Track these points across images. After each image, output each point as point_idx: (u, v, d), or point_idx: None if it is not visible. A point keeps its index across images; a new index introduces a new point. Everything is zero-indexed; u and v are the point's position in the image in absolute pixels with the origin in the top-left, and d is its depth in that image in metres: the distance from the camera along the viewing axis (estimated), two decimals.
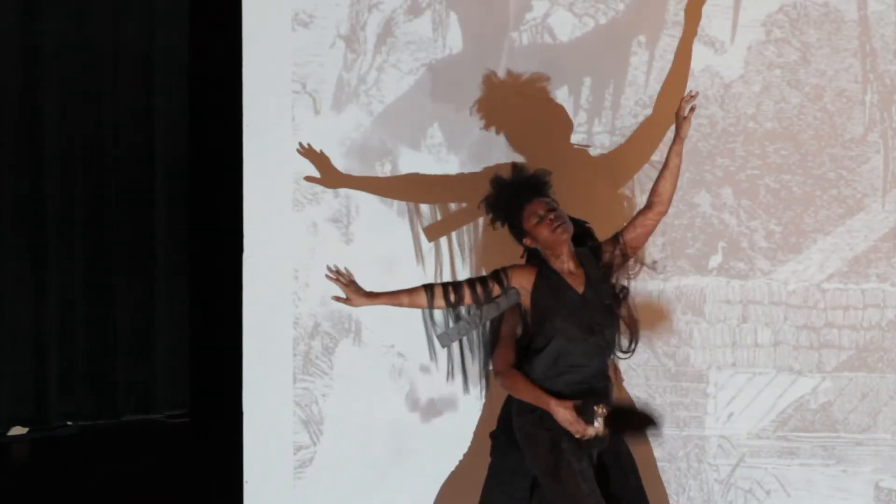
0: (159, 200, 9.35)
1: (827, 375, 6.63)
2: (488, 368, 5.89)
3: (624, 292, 5.77)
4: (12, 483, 8.22)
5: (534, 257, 5.85)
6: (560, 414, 5.64)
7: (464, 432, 6.64)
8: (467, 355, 5.85)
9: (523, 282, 5.73)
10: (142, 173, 9.32)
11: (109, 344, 9.27)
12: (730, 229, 6.64)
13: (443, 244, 6.66)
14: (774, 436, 6.64)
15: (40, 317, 9.09)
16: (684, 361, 6.65)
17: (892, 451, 6.61)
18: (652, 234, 6.41)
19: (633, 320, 5.80)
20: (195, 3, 8.73)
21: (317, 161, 6.67)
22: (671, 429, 6.65)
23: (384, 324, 6.65)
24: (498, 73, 6.63)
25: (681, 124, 5.80)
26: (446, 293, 5.71)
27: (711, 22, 6.60)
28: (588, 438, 5.65)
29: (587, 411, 5.63)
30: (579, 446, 5.65)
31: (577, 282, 5.73)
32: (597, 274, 5.75)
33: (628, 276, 5.80)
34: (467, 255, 6.65)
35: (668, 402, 6.66)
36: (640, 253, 5.91)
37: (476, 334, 5.81)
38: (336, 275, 5.75)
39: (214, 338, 8.43)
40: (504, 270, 5.75)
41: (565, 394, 5.68)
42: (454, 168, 6.68)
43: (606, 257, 5.79)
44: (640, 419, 5.88)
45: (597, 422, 5.62)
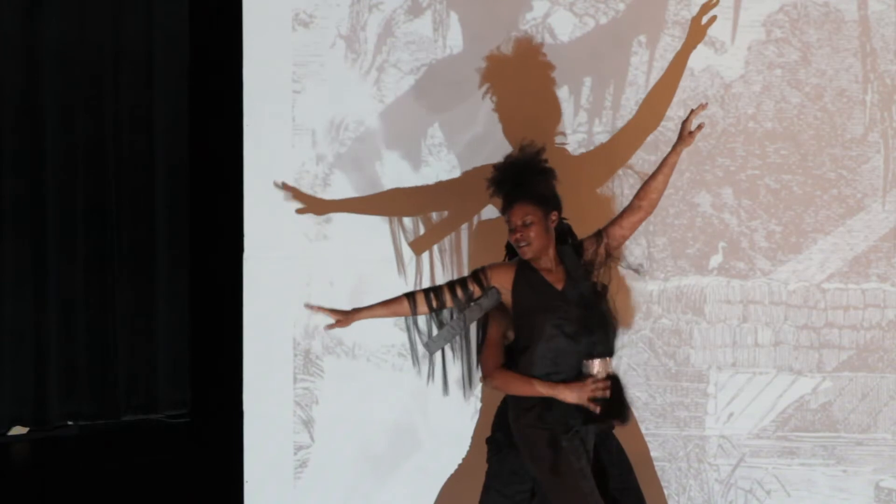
0: (159, 201, 9.35)
1: (827, 375, 6.63)
2: (474, 368, 5.90)
3: (604, 290, 5.76)
4: (12, 483, 8.21)
5: (511, 253, 5.86)
6: (568, 395, 5.62)
7: (464, 432, 6.64)
8: (447, 356, 5.85)
9: (503, 280, 5.73)
10: (142, 173, 9.32)
11: (110, 344, 9.26)
12: (730, 229, 6.64)
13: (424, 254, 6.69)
14: (775, 436, 6.64)
15: (40, 317, 9.09)
16: (684, 361, 6.65)
17: (893, 451, 6.61)
18: (652, 235, 6.40)
19: (612, 318, 5.80)
20: (195, 3, 8.73)
21: (297, 195, 6.68)
22: (671, 429, 6.65)
23: (384, 324, 6.65)
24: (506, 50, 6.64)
25: (685, 137, 5.80)
26: (428, 298, 5.73)
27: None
28: (601, 408, 5.59)
29: (580, 374, 5.61)
30: (578, 444, 5.64)
31: (556, 279, 5.73)
32: (578, 271, 5.75)
33: (609, 277, 5.80)
34: (448, 262, 6.65)
35: (669, 402, 6.66)
36: (620, 253, 5.90)
37: (459, 337, 5.82)
38: (317, 307, 5.79)
39: (215, 338, 8.43)
40: (483, 270, 5.76)
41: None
42: (454, 168, 6.68)
43: (589, 254, 5.79)
44: (619, 406, 5.69)
45: (592, 368, 5.59)
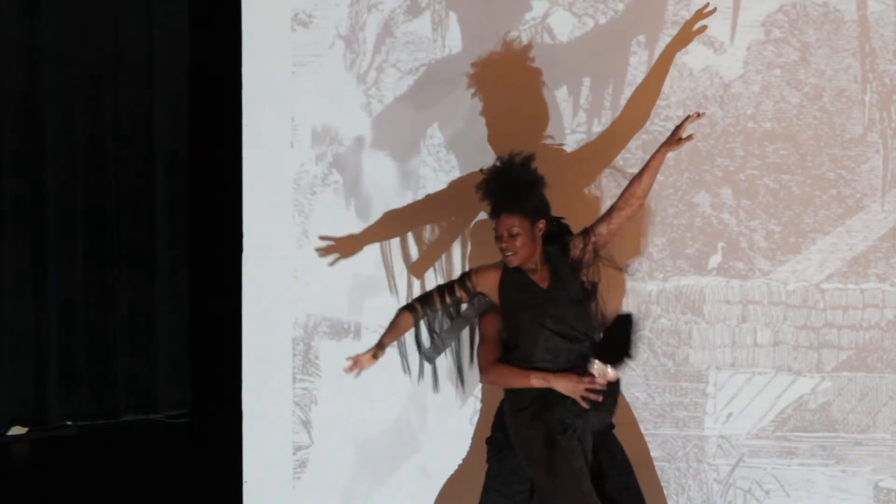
0: (159, 201, 9.36)
1: (826, 375, 6.63)
2: (465, 364, 5.93)
3: (593, 287, 5.77)
4: (12, 483, 8.22)
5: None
6: (561, 384, 5.64)
7: (463, 433, 6.64)
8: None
9: (489, 282, 5.80)
10: (142, 173, 9.33)
11: (110, 344, 9.27)
12: (729, 229, 6.64)
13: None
14: (774, 436, 6.64)
15: (40, 317, 9.10)
16: (683, 361, 6.65)
17: (892, 450, 6.60)
18: (651, 234, 6.40)
19: (602, 316, 5.81)
20: (195, 4, 8.74)
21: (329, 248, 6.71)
22: (670, 429, 6.65)
23: (383, 324, 6.65)
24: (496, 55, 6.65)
25: (673, 141, 5.82)
26: (423, 304, 5.86)
27: (711, 22, 6.60)
28: (596, 401, 5.61)
29: (582, 369, 5.62)
30: (576, 444, 5.64)
31: (541, 278, 5.77)
32: (564, 270, 5.77)
33: (598, 276, 5.82)
34: (439, 267, 6.66)
35: (668, 402, 6.66)
36: (608, 253, 5.90)
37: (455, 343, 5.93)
38: (357, 368, 5.87)
39: (214, 338, 8.44)
40: (469, 276, 5.85)
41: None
42: (453, 168, 6.68)
43: (577, 253, 5.80)
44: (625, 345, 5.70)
45: (594, 368, 5.59)
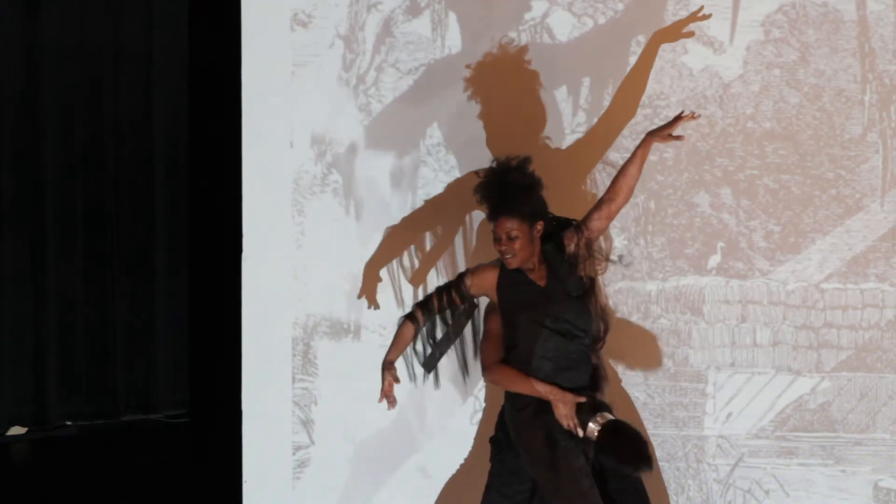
0: (159, 200, 9.36)
1: (826, 375, 6.63)
2: (470, 360, 5.93)
3: (591, 283, 5.78)
4: (12, 483, 8.22)
5: None
6: (559, 405, 5.63)
7: (463, 433, 6.64)
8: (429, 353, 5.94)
9: (487, 282, 5.80)
10: (141, 173, 9.32)
11: (109, 344, 9.27)
12: (729, 229, 6.64)
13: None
14: (773, 436, 6.64)
15: (40, 317, 9.09)
16: (683, 361, 6.65)
17: (891, 450, 6.61)
18: (651, 234, 6.40)
19: (603, 311, 5.81)
20: (194, 4, 8.73)
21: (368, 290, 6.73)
22: (670, 429, 6.65)
23: (383, 324, 6.66)
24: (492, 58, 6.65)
25: (662, 134, 5.81)
26: (423, 310, 5.86)
27: (710, 22, 6.60)
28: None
29: (584, 412, 5.61)
30: (576, 443, 5.63)
31: (539, 277, 5.76)
32: (562, 268, 5.76)
33: (595, 270, 5.82)
34: (441, 266, 6.67)
35: (667, 402, 6.66)
36: (607, 247, 5.90)
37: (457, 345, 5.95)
38: (390, 394, 5.90)
39: (214, 338, 8.43)
40: (464, 277, 5.84)
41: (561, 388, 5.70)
42: (452, 168, 6.68)
43: (571, 248, 5.80)
44: (634, 450, 5.60)
45: (591, 426, 5.59)
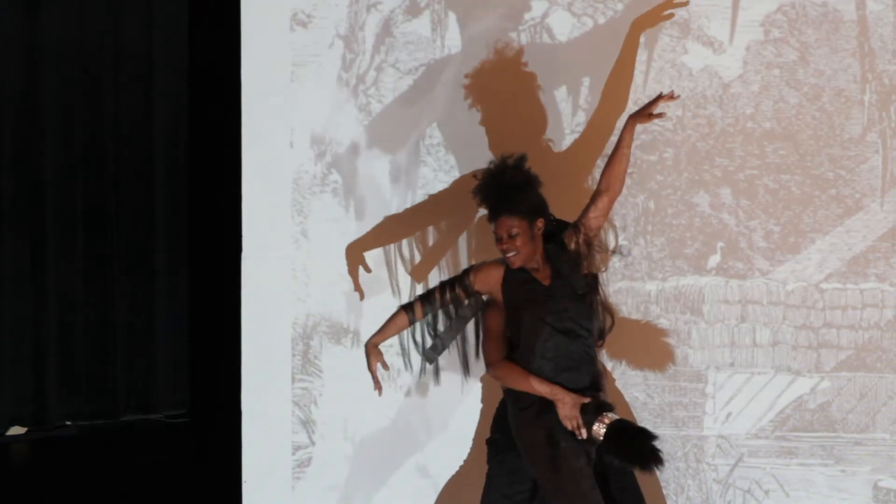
0: (158, 201, 9.35)
1: (825, 375, 6.63)
2: (471, 356, 5.93)
3: (594, 280, 5.78)
4: (11, 483, 8.21)
5: None
6: (563, 405, 5.62)
7: (464, 432, 6.64)
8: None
9: (490, 282, 5.80)
10: (141, 173, 9.31)
11: (109, 344, 9.26)
12: (728, 229, 6.64)
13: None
14: (773, 436, 6.64)
15: (40, 317, 9.08)
16: (683, 361, 6.65)
17: (891, 450, 6.61)
18: (651, 234, 6.39)
19: (607, 308, 5.82)
20: (194, 4, 8.72)
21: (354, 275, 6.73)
22: (669, 428, 6.65)
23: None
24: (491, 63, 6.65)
25: (643, 114, 5.82)
26: (423, 304, 5.85)
27: (710, 22, 6.60)
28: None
29: (588, 413, 5.61)
30: (578, 444, 5.63)
31: (543, 276, 5.76)
32: (565, 266, 5.76)
33: (598, 266, 5.83)
34: (444, 264, 6.67)
35: (667, 402, 6.66)
36: (604, 241, 5.91)
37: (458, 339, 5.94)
38: (375, 375, 5.91)
39: (213, 338, 8.42)
40: (468, 274, 5.84)
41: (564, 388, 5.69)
42: (452, 168, 6.69)
43: (572, 247, 5.80)
44: (642, 448, 5.58)
45: (595, 426, 5.58)
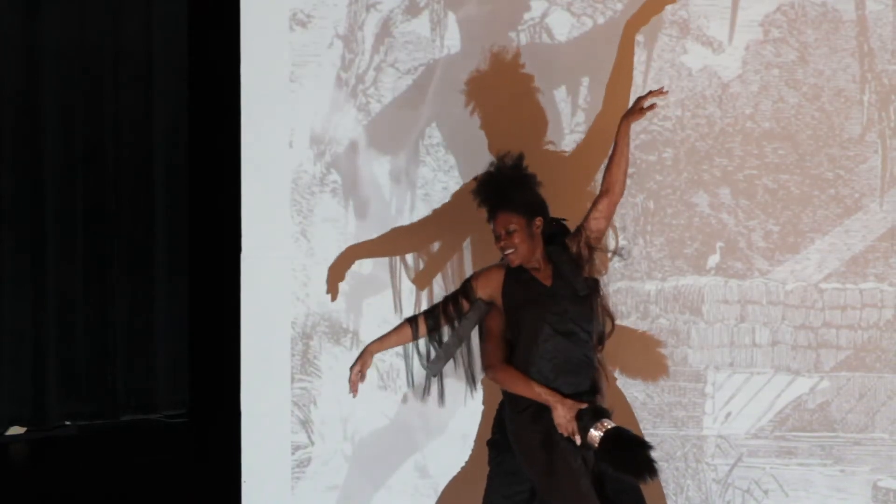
0: (158, 201, 9.35)
1: (825, 375, 6.63)
2: (476, 370, 5.92)
3: (595, 284, 5.77)
4: (11, 483, 8.21)
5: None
6: (560, 412, 5.62)
7: (464, 432, 6.64)
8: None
9: (492, 286, 5.78)
10: (141, 173, 9.31)
11: (108, 344, 9.26)
12: (728, 229, 6.64)
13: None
14: (772, 435, 6.64)
15: (40, 316, 9.08)
16: (682, 361, 6.65)
17: (890, 450, 6.61)
18: (650, 234, 6.39)
19: (608, 312, 5.81)
20: (194, 3, 8.72)
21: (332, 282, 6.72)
22: (669, 428, 6.65)
23: (382, 324, 6.66)
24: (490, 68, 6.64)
25: (634, 112, 5.81)
26: (427, 320, 5.84)
27: (709, 22, 6.60)
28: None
29: (585, 419, 5.60)
30: (575, 446, 5.63)
31: (545, 276, 5.76)
32: (567, 267, 5.76)
33: (600, 269, 5.83)
34: (448, 273, 6.66)
35: (666, 402, 6.66)
36: (604, 242, 5.91)
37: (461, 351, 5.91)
38: (356, 382, 5.92)
39: (213, 338, 8.42)
40: (469, 282, 5.83)
41: (563, 392, 5.68)
42: (451, 168, 6.69)
43: (574, 249, 5.80)
44: (637, 458, 5.56)
45: (592, 432, 5.57)
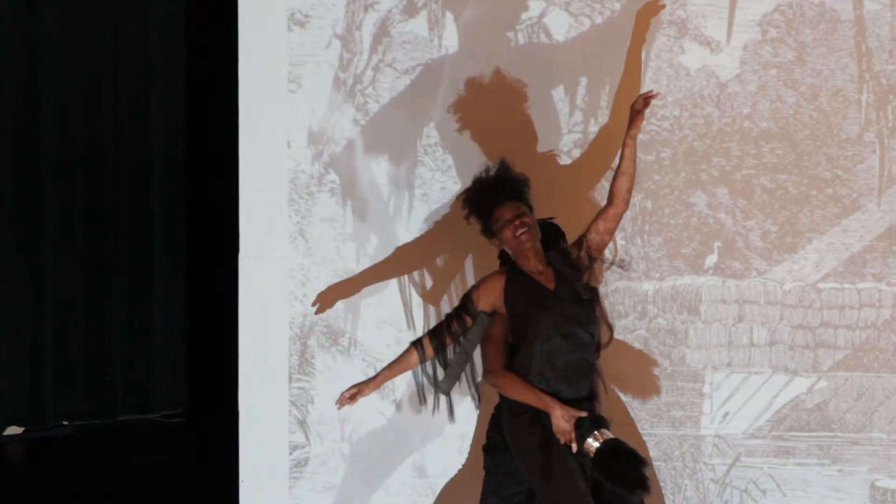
0: (156, 201, 9.34)
1: (822, 375, 6.63)
2: (478, 381, 5.91)
3: (594, 292, 5.76)
4: (7, 483, 8.21)
5: (504, 262, 5.86)
6: (558, 419, 5.60)
7: (461, 432, 6.64)
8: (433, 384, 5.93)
9: (494, 294, 5.75)
10: (138, 174, 9.31)
11: (106, 344, 9.26)
12: (726, 229, 6.64)
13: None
14: (770, 435, 6.64)
15: (36, 316, 9.08)
16: (680, 361, 6.65)
17: (888, 450, 6.61)
18: (648, 234, 6.39)
19: (606, 321, 5.81)
20: (192, 3, 8.72)
21: (325, 298, 6.71)
22: (667, 428, 6.65)
23: (380, 324, 6.66)
24: (487, 74, 6.63)
25: (633, 119, 5.78)
26: (432, 340, 5.80)
27: (707, 22, 6.60)
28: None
29: (584, 427, 5.59)
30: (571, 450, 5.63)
31: (546, 280, 5.74)
32: (568, 272, 5.74)
33: (598, 278, 5.82)
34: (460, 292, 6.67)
35: (664, 402, 6.66)
36: (603, 256, 5.90)
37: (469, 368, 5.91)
38: (349, 399, 5.85)
39: (211, 338, 8.42)
40: (469, 296, 5.79)
41: (563, 397, 5.68)
42: (449, 167, 6.68)
43: (573, 258, 5.79)
44: (631, 474, 5.51)
45: (589, 441, 5.56)
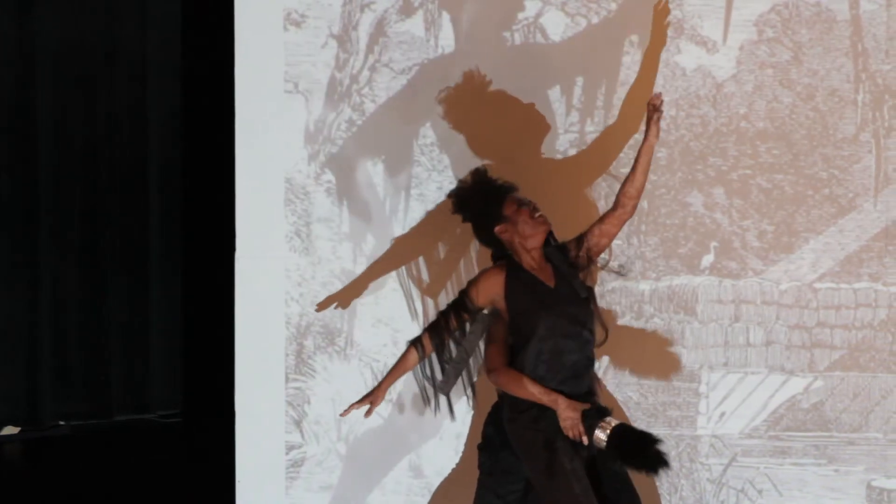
0: (152, 201, 9.36)
1: (819, 375, 6.63)
2: (474, 381, 5.91)
3: (590, 292, 5.75)
4: (4, 483, 8.21)
5: (500, 258, 5.83)
6: (565, 414, 5.60)
7: (458, 432, 6.64)
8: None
9: (493, 290, 5.71)
10: (135, 173, 9.33)
11: (102, 344, 9.27)
12: (722, 229, 6.64)
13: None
14: (766, 435, 6.64)
15: (33, 316, 9.09)
16: None
17: (884, 450, 6.61)
18: (644, 234, 6.38)
19: (601, 322, 5.80)
20: (188, 3, 8.72)
21: (325, 304, 6.71)
22: (663, 428, 6.64)
23: (376, 324, 6.66)
24: (482, 73, 6.63)
25: (649, 129, 5.77)
26: (431, 337, 5.76)
27: (703, 21, 6.60)
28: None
29: (591, 419, 5.59)
30: (573, 446, 5.62)
31: (546, 276, 5.72)
32: (566, 269, 5.73)
33: (594, 277, 5.82)
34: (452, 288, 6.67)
35: (660, 402, 6.66)
36: (604, 259, 5.89)
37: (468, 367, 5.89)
38: (352, 407, 5.87)
39: (207, 338, 8.42)
40: (468, 292, 5.74)
41: (565, 394, 5.67)
42: (446, 167, 6.68)
43: (571, 256, 5.78)
44: (647, 453, 5.52)
45: (597, 433, 5.56)
